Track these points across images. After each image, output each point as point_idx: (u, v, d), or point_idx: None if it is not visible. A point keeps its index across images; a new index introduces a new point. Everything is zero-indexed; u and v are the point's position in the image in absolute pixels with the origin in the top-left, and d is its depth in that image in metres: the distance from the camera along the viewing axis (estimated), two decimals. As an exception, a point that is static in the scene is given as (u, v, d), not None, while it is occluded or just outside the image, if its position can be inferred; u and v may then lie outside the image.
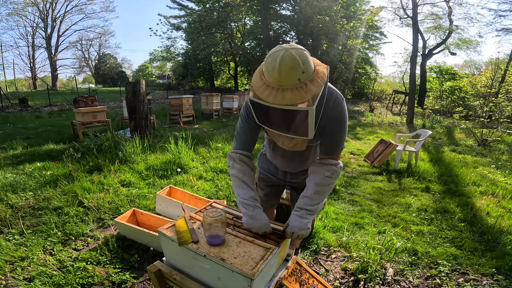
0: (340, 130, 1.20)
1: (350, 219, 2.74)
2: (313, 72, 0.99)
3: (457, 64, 36.91)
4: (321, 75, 1.00)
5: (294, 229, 1.17)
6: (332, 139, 1.22)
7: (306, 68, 0.96)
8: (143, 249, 2.12)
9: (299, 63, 0.94)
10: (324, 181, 1.22)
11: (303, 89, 0.95)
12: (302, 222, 1.18)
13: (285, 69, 0.93)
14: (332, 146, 1.24)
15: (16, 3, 27.02)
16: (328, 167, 1.22)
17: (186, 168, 3.83)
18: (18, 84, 31.38)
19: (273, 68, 0.95)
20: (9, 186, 3.09)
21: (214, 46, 22.12)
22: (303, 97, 0.94)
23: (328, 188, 1.24)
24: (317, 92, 0.96)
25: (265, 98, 0.97)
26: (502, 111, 8.59)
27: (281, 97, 0.95)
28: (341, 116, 1.17)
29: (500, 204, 3.17)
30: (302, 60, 0.95)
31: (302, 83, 0.95)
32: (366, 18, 18.70)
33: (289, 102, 0.94)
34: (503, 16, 16.01)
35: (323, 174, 1.21)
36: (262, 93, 0.98)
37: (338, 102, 1.16)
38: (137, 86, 4.94)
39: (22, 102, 12.24)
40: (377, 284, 1.86)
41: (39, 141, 5.38)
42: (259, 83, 1.00)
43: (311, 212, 1.21)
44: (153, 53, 30.27)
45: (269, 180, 1.64)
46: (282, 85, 0.95)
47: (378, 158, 4.66)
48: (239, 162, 1.29)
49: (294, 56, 0.94)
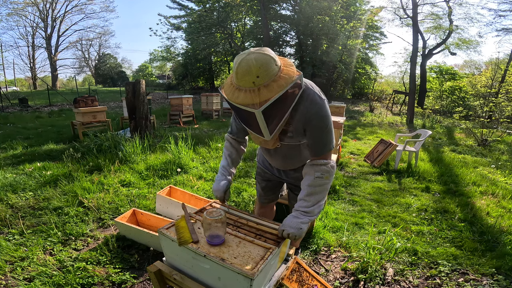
0: (322, 130, 1.21)
1: (350, 219, 2.74)
2: (273, 77, 1.03)
3: (457, 64, 36.93)
4: (282, 82, 1.03)
5: (285, 227, 1.17)
6: (316, 139, 1.24)
7: (263, 72, 1.01)
8: (143, 249, 2.12)
9: (254, 67, 1.01)
10: (316, 182, 1.23)
11: (255, 92, 1.02)
12: (294, 222, 1.17)
13: (241, 72, 1.02)
14: (317, 146, 1.26)
15: (16, 3, 27.03)
16: (317, 168, 1.24)
17: (186, 168, 3.83)
18: (18, 84, 31.38)
19: (234, 69, 1.06)
20: (9, 186, 3.09)
21: (214, 46, 22.11)
22: (253, 100, 1.01)
23: (321, 188, 1.24)
24: (268, 97, 1.01)
25: (226, 94, 1.10)
26: (502, 111, 8.59)
27: (236, 96, 1.05)
28: (319, 116, 1.19)
29: (500, 204, 3.17)
30: (258, 64, 1.01)
31: (256, 87, 1.02)
32: (366, 18, 18.69)
33: (241, 102, 1.03)
34: (503, 16, 16.03)
35: (314, 175, 1.24)
36: (226, 89, 1.11)
37: (314, 103, 1.18)
38: (137, 86, 4.94)
39: (22, 102, 12.24)
40: (377, 284, 1.86)
41: (39, 141, 5.38)
42: (228, 80, 1.13)
43: (307, 213, 1.21)
44: (153, 53, 30.32)
45: (264, 174, 1.69)
46: (239, 85, 1.05)
47: (378, 158, 4.66)
48: (227, 142, 1.51)
49: (251, 61, 1.01)
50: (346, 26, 16.88)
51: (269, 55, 1.04)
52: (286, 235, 1.16)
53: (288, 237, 1.16)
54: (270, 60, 1.03)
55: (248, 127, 1.21)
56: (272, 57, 1.05)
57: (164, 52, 24.93)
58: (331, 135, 1.26)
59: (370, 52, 22.19)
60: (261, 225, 1.27)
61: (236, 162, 1.52)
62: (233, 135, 1.49)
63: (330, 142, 1.26)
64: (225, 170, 1.45)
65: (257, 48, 1.06)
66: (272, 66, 1.03)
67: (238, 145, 1.51)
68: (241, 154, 1.54)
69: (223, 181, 1.41)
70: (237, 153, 1.51)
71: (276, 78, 1.04)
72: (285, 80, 1.04)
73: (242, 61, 1.03)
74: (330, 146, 1.27)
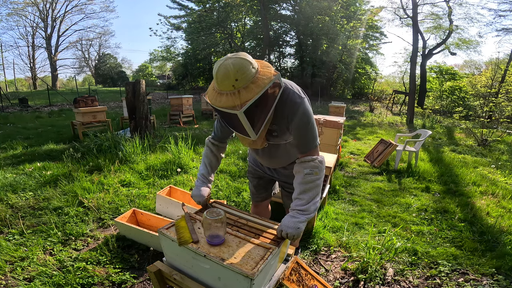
0: (304, 127, 1.25)
1: (350, 219, 2.74)
2: (252, 79, 1.08)
3: (457, 64, 36.86)
4: (260, 83, 1.08)
5: (283, 227, 1.18)
6: (300, 137, 1.27)
7: (241, 75, 1.06)
8: (143, 249, 2.12)
9: (232, 71, 1.05)
10: (306, 178, 1.25)
11: (235, 95, 1.06)
12: (292, 221, 1.18)
13: (220, 77, 1.07)
14: (302, 144, 1.29)
15: (16, 3, 27.00)
16: (305, 164, 1.27)
17: (186, 168, 3.83)
18: (18, 84, 31.39)
19: (214, 74, 1.10)
20: (9, 186, 3.09)
21: (214, 46, 22.11)
22: (234, 102, 1.06)
23: (313, 184, 1.25)
24: (249, 97, 1.05)
25: (209, 100, 1.14)
26: (502, 111, 8.59)
27: (219, 100, 1.09)
28: (299, 114, 1.22)
29: (500, 204, 3.17)
30: (236, 68, 1.05)
31: (236, 90, 1.06)
32: (366, 18, 18.70)
33: (224, 105, 1.07)
34: (503, 16, 16.03)
35: (303, 172, 1.26)
36: (210, 95, 1.15)
37: (293, 102, 1.22)
38: (137, 86, 4.94)
39: (22, 102, 12.24)
40: (377, 284, 1.86)
41: (39, 141, 5.38)
42: (211, 86, 1.17)
43: (303, 211, 1.21)
44: (153, 53, 30.22)
45: (256, 172, 1.72)
46: (220, 90, 1.09)
47: (378, 158, 4.66)
48: (207, 147, 1.53)
49: (229, 66, 1.06)
50: (346, 26, 16.90)
51: (246, 59, 1.09)
52: (285, 235, 1.17)
53: (287, 237, 1.17)
54: (247, 63, 1.08)
55: (235, 130, 1.24)
56: (249, 61, 1.09)
57: (164, 52, 24.93)
58: (314, 132, 1.28)
59: (370, 52, 22.22)
60: (260, 225, 1.27)
61: (215, 169, 1.55)
62: (215, 139, 1.51)
63: (315, 139, 1.29)
64: (205, 178, 1.47)
65: (234, 54, 1.11)
66: (249, 69, 1.08)
67: (218, 152, 1.53)
68: (219, 160, 1.56)
69: (205, 188, 1.43)
70: (216, 160, 1.53)
71: (254, 80, 1.08)
72: (262, 81, 1.08)
73: (220, 67, 1.07)
74: (315, 142, 1.30)
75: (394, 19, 22.63)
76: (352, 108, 14.89)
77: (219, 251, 1.06)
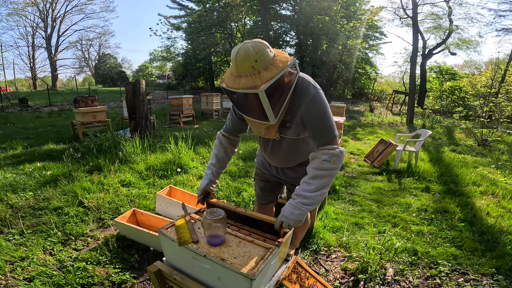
0: (321, 117, 1.22)
1: (350, 219, 2.74)
2: (270, 61, 1.11)
3: (457, 64, 36.90)
4: (279, 65, 1.11)
5: (284, 219, 1.15)
6: (317, 128, 1.24)
7: (260, 57, 1.08)
8: (143, 249, 2.12)
9: (252, 53, 1.08)
10: (323, 165, 1.19)
11: (255, 75, 1.08)
12: (294, 214, 1.15)
13: (239, 59, 1.09)
14: (321, 134, 1.24)
15: (16, 3, 27.00)
16: (325, 151, 1.21)
17: (186, 168, 3.83)
18: (18, 84, 31.37)
19: (232, 59, 1.13)
20: (9, 186, 3.09)
21: (214, 46, 22.11)
22: (255, 82, 1.07)
23: (328, 173, 1.19)
24: (269, 77, 1.08)
25: (227, 83, 1.15)
26: (502, 111, 8.59)
27: (238, 82, 1.10)
28: (315, 104, 1.22)
29: (500, 204, 3.17)
30: (255, 51, 1.08)
31: (256, 71, 1.09)
32: (366, 18, 18.69)
33: (243, 86, 1.09)
34: (503, 16, 16.02)
35: (321, 158, 1.20)
36: (227, 80, 1.16)
37: (308, 91, 1.22)
38: (137, 86, 4.94)
39: (22, 102, 12.24)
40: (377, 284, 1.86)
41: (39, 141, 5.38)
42: (228, 72, 1.18)
43: (307, 200, 1.16)
44: (153, 53, 30.15)
45: (263, 175, 1.69)
46: (240, 73, 1.11)
47: (378, 158, 4.66)
48: (217, 141, 1.53)
49: (248, 48, 1.08)
50: (346, 26, 16.89)
51: (263, 43, 1.12)
52: (286, 226, 1.15)
53: (288, 227, 1.16)
54: (265, 46, 1.11)
55: (250, 116, 1.24)
56: (266, 45, 1.13)
57: (164, 52, 24.90)
58: (331, 122, 1.25)
59: (370, 52, 22.19)
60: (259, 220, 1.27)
61: (223, 161, 1.51)
62: (226, 131, 1.51)
63: (333, 129, 1.25)
64: (209, 169, 1.46)
65: (251, 40, 1.14)
66: (268, 52, 1.11)
67: (228, 144, 1.51)
68: (229, 153, 1.53)
69: (204, 180, 1.43)
70: (225, 152, 1.50)
71: (273, 62, 1.11)
72: (281, 63, 1.11)
73: (239, 50, 1.09)
74: (334, 132, 1.25)
75: (394, 19, 22.69)
76: (352, 108, 14.89)
77: (219, 251, 1.06)
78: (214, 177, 1.45)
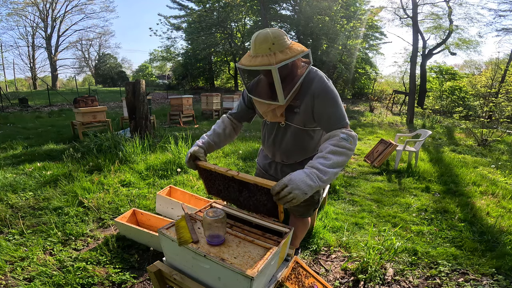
0: (332, 104, 1.27)
1: (350, 219, 2.74)
2: (287, 47, 1.21)
3: (457, 64, 36.94)
4: (295, 50, 1.20)
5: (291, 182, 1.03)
6: (329, 113, 1.27)
7: (277, 41, 1.18)
8: (143, 249, 2.12)
9: (270, 36, 1.18)
10: (341, 142, 1.16)
11: (271, 55, 1.17)
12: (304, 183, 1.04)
13: (258, 41, 1.19)
14: (335, 119, 1.26)
15: (16, 3, 27.00)
16: (343, 130, 1.22)
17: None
18: (18, 84, 31.37)
19: (252, 42, 1.23)
20: (9, 186, 3.09)
21: (214, 46, 22.11)
22: (270, 61, 1.16)
23: (344, 152, 1.16)
24: (284, 58, 1.16)
25: (243, 62, 1.24)
26: (502, 111, 8.59)
27: (253, 61, 1.20)
28: (326, 91, 1.28)
29: (500, 204, 3.17)
30: (274, 35, 1.18)
31: (272, 52, 1.18)
32: (366, 18, 18.70)
33: (258, 64, 1.18)
34: (503, 16, 16.03)
35: (339, 135, 1.19)
36: (244, 60, 1.26)
37: (321, 80, 1.30)
38: (137, 86, 4.94)
39: (22, 102, 12.24)
40: (377, 284, 1.86)
41: (39, 141, 5.38)
42: (246, 55, 1.28)
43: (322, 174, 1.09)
44: (153, 53, 30.20)
45: (263, 175, 1.68)
46: (257, 53, 1.20)
47: (378, 158, 4.66)
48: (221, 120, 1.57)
49: (267, 32, 1.19)
50: (346, 26, 16.89)
51: (283, 31, 1.23)
52: (286, 192, 1.03)
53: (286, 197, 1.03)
54: (283, 33, 1.22)
55: (260, 97, 1.31)
56: (285, 34, 1.23)
57: (164, 52, 24.93)
58: (343, 110, 1.29)
59: (370, 52, 22.21)
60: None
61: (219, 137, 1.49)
62: (231, 115, 1.57)
63: (345, 116, 1.28)
64: (202, 138, 1.45)
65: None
66: (285, 39, 1.21)
67: (229, 125, 1.54)
68: (227, 133, 1.52)
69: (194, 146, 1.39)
70: (223, 130, 1.51)
71: (289, 47, 1.21)
72: (297, 49, 1.21)
73: (260, 33, 1.20)
74: (346, 119, 1.27)
75: (394, 19, 22.67)
76: (352, 108, 14.89)
77: (219, 251, 1.06)
78: (204, 145, 1.41)
